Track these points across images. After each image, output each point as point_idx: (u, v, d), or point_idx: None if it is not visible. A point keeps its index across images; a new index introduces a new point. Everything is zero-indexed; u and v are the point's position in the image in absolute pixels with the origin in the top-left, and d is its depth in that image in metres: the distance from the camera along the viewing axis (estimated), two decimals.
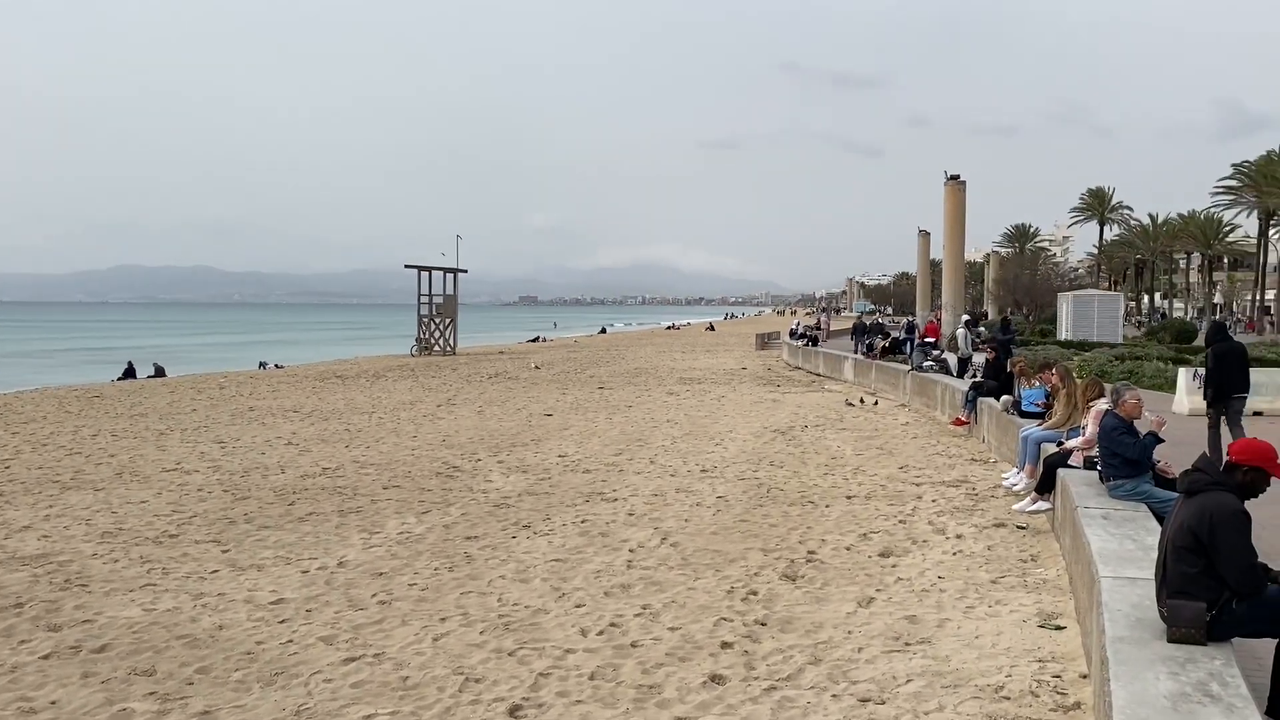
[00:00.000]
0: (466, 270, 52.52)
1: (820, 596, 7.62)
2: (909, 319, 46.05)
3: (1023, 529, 9.64)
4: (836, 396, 24.72)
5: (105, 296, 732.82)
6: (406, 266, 50.32)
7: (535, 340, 72.94)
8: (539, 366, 37.82)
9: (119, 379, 35.65)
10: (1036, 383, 13.13)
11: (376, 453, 15.43)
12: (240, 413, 21.46)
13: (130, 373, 37.39)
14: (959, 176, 40.20)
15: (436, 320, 48.87)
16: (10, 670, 6.24)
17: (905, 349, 29.30)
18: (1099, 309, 44.52)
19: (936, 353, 25.37)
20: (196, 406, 22.94)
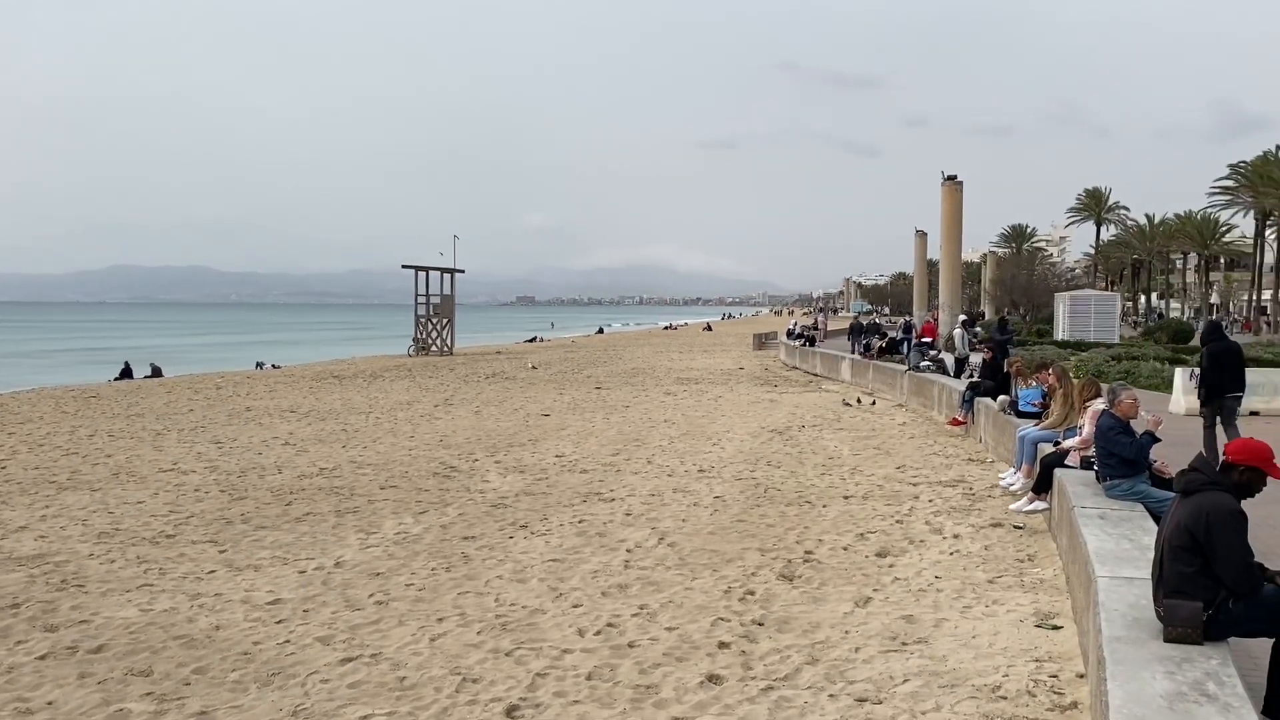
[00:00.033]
0: (464, 270, 52.50)
1: (817, 596, 7.63)
2: (906, 319, 46.06)
3: (1020, 529, 9.65)
4: (833, 396, 24.73)
5: (102, 296, 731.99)
6: (404, 267, 50.31)
7: (532, 340, 72.93)
8: (536, 367, 37.81)
9: (115, 379, 35.60)
10: (1033, 383, 13.15)
11: (374, 453, 15.42)
12: (237, 413, 21.44)
13: (127, 373, 37.33)
14: (956, 177, 40.23)
15: (434, 320, 48.84)
16: (7, 671, 6.24)
17: (902, 349, 29.30)
18: (1096, 309, 44.57)
19: (934, 353, 25.35)
20: (193, 407, 22.91)
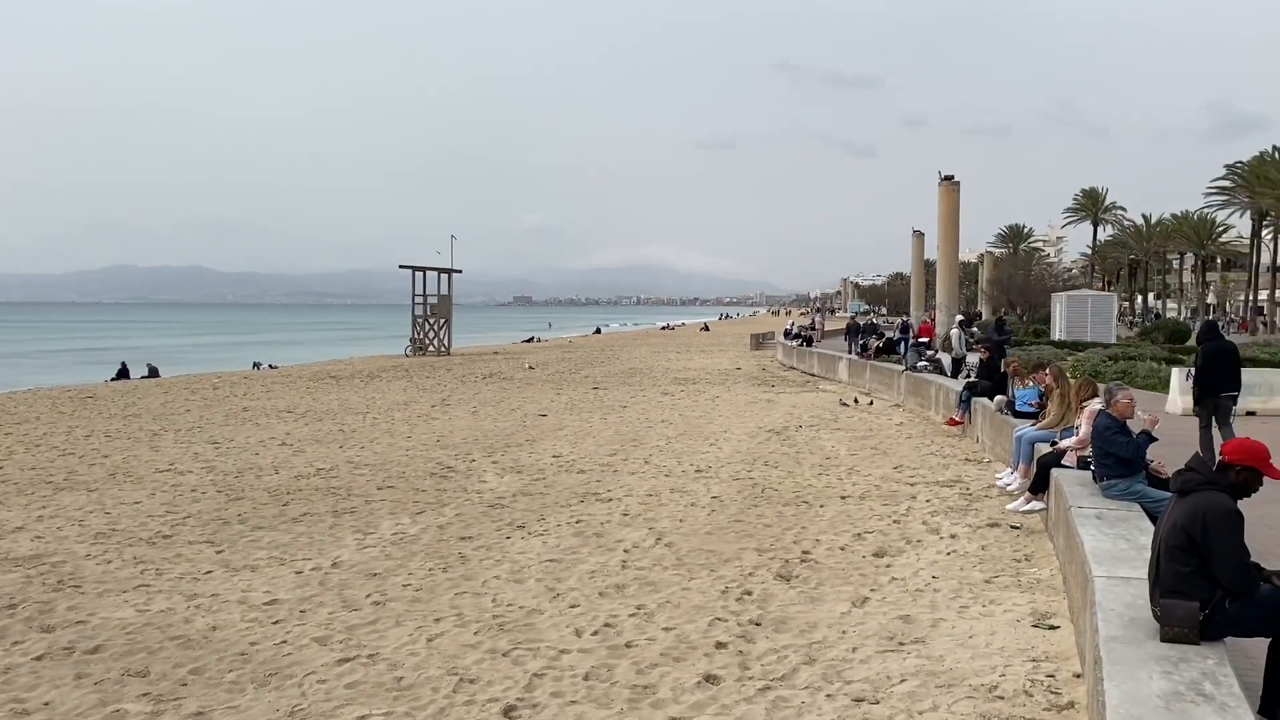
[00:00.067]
0: (461, 270, 52.49)
1: (815, 596, 7.63)
2: (904, 319, 46.11)
3: (1016, 529, 9.65)
4: (831, 397, 24.73)
5: (99, 297, 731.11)
6: (401, 267, 50.31)
7: (530, 340, 72.93)
8: (533, 367, 37.80)
9: (112, 379, 35.60)
10: (1030, 383, 13.15)
11: (371, 453, 15.41)
12: (234, 413, 21.42)
13: (124, 373, 37.31)
14: (953, 177, 40.26)
15: (431, 320, 48.83)
16: (3, 671, 6.23)
17: (899, 349, 29.33)
18: (1093, 309, 44.62)
19: (931, 353, 25.36)
20: (190, 407, 22.89)
